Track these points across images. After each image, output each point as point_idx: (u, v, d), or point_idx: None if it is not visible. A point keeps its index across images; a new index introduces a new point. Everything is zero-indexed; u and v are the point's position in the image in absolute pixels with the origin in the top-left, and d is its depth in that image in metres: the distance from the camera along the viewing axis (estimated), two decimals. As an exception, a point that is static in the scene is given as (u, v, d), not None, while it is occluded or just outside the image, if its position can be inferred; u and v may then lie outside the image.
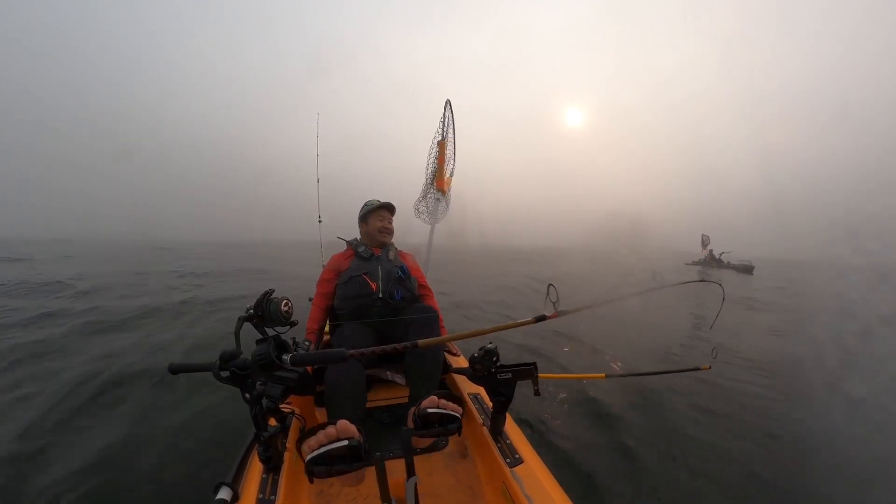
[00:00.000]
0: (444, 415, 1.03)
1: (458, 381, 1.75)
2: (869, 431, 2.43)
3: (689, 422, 2.63)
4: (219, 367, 0.92)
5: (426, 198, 3.47)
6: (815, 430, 2.49)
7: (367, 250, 2.05)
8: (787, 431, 2.52)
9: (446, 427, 1.02)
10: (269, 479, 1.03)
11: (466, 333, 1.36)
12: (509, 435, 1.28)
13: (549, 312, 1.37)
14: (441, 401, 1.05)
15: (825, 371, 3.50)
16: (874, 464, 2.11)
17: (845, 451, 2.23)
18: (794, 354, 4.22)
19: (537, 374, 1.25)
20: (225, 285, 8.74)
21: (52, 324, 4.57)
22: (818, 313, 5.58)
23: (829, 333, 4.33)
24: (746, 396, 3.12)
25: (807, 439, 2.40)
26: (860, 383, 3.03)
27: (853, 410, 2.70)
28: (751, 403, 2.97)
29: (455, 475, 1.27)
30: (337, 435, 0.86)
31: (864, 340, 3.71)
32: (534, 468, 1.11)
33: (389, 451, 1.36)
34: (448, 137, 3.32)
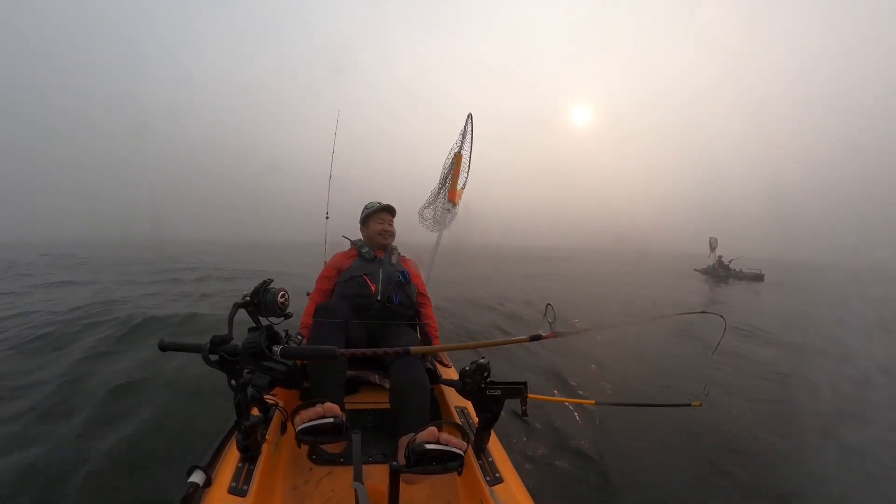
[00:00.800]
0: (444, 452, 0.86)
1: (445, 392, 1.73)
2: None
3: (674, 460, 2.58)
4: (208, 351, 0.92)
5: (433, 205, 3.48)
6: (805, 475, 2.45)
7: (371, 252, 2.06)
8: (777, 478, 2.48)
9: (445, 465, 0.86)
10: (244, 469, 1.02)
11: (459, 346, 1.35)
12: (492, 452, 1.26)
13: (545, 332, 1.36)
14: (443, 434, 0.88)
15: (820, 415, 3.45)
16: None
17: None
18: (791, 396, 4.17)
19: (527, 394, 1.23)
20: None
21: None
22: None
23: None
24: (736, 437, 3.06)
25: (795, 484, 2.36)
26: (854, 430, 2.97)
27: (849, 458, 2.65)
28: (740, 445, 2.92)
29: (433, 488, 1.25)
30: (323, 413, 0.93)
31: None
32: (513, 488, 1.10)
33: (369, 456, 1.34)
34: (465, 150, 3.35)
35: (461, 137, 3.33)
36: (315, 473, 1.23)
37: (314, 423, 0.91)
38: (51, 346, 3.59)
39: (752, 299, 12.36)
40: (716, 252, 19.80)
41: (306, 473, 1.23)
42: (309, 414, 0.94)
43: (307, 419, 0.93)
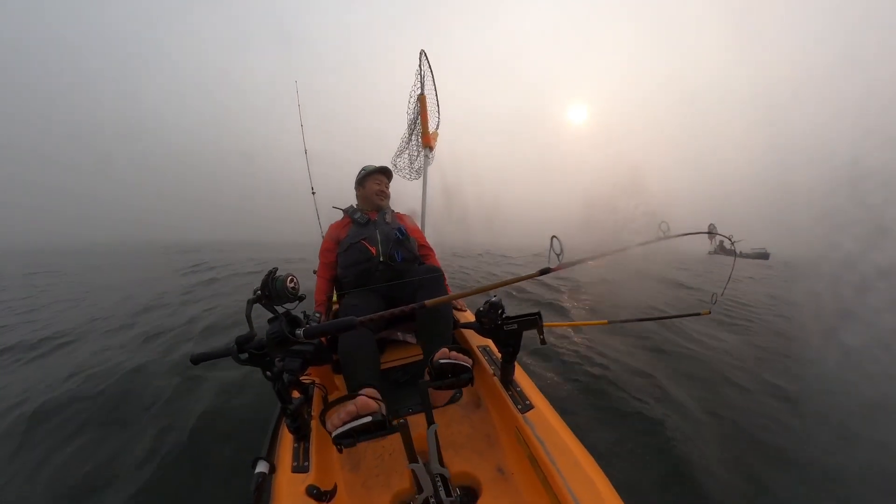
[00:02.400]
0: (455, 365, 1.11)
1: (466, 335, 1.80)
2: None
3: (686, 365, 2.70)
4: (237, 351, 0.95)
5: (406, 152, 3.38)
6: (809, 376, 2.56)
7: (363, 216, 2.04)
8: (782, 378, 2.60)
9: (459, 377, 1.10)
10: (300, 448, 1.10)
11: (472, 290, 1.38)
12: (519, 383, 1.34)
13: (553, 264, 1.38)
14: (451, 353, 1.13)
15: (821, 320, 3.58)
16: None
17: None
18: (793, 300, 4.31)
19: (542, 323, 1.28)
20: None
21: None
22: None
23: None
24: (742, 342, 3.20)
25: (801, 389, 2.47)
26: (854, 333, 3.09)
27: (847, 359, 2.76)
28: (746, 349, 3.06)
29: (471, 424, 1.34)
30: (357, 412, 0.93)
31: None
32: (544, 413, 1.18)
33: (408, 408, 1.43)
34: (428, 90, 3.18)
35: (418, 78, 3.15)
36: None
37: (349, 427, 0.91)
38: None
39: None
40: (716, 238, 19.79)
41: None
42: (342, 416, 0.93)
43: (340, 422, 0.92)
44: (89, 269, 12.10)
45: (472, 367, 1.13)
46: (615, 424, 2.04)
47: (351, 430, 0.91)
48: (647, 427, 2.01)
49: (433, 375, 1.13)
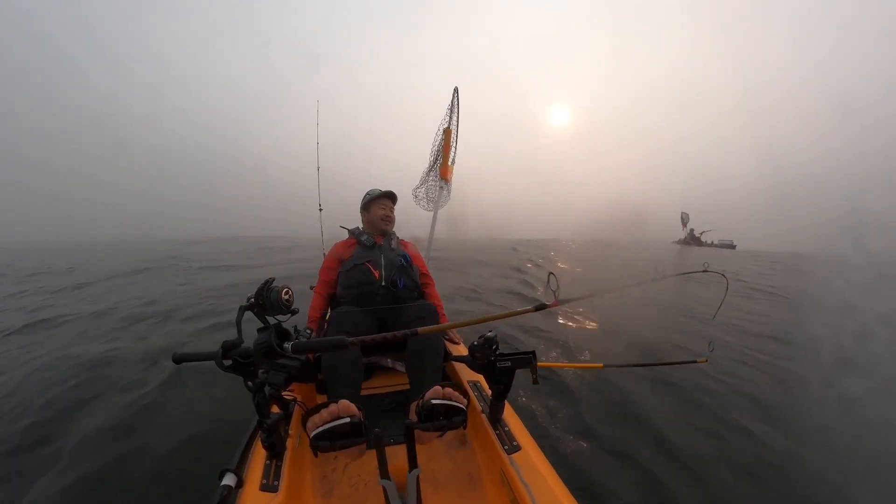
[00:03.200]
0: (449, 406, 1.00)
1: (457, 368, 1.77)
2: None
3: (683, 414, 2.64)
4: (221, 356, 0.93)
5: (426, 183, 3.45)
6: (807, 425, 2.51)
7: (370, 239, 2.06)
8: (781, 424, 2.54)
9: (451, 420, 1.00)
10: (272, 465, 1.05)
11: (466, 321, 1.36)
12: (508, 422, 1.30)
13: (549, 301, 1.37)
14: (446, 391, 1.02)
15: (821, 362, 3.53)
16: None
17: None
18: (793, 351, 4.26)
19: (536, 362, 1.25)
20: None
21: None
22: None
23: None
24: (741, 391, 3.13)
25: (799, 434, 2.42)
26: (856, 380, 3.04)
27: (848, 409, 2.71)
28: (744, 401, 2.99)
29: (454, 461, 1.29)
30: (339, 412, 0.92)
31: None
32: (531, 455, 1.13)
33: (391, 438, 1.38)
34: (453, 125, 3.30)
35: (449, 112, 3.28)
36: (340, 460, 1.27)
37: (329, 426, 0.89)
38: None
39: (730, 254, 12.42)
40: (687, 226, 20.18)
41: (332, 461, 1.27)
42: (322, 416, 0.92)
43: (321, 422, 0.91)
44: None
45: (466, 408, 1.03)
46: (608, 472, 1.95)
47: (329, 430, 0.89)
48: (640, 478, 1.93)
49: (421, 416, 1.00)
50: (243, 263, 11.96)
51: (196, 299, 5.83)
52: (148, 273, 9.64)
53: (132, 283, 8.12)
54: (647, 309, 5.79)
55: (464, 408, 1.02)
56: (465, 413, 1.02)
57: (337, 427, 0.90)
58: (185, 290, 6.70)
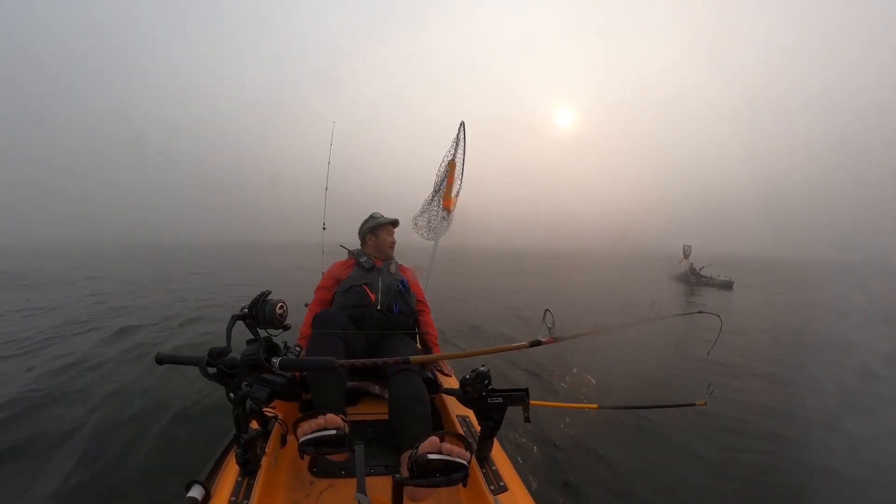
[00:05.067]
0: (448, 462, 0.83)
1: (447, 401, 1.72)
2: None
3: (682, 460, 2.55)
4: (206, 363, 0.91)
5: (427, 213, 3.49)
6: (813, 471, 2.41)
7: (369, 261, 2.05)
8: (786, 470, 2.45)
9: (450, 476, 0.83)
10: (244, 483, 1.00)
11: (459, 353, 1.34)
12: (495, 461, 1.25)
13: (544, 337, 1.35)
14: (444, 444, 0.85)
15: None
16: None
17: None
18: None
19: (529, 400, 1.22)
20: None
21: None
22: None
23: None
24: (742, 435, 3.03)
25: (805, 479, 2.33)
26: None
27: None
28: (747, 443, 2.89)
29: (437, 500, 1.23)
30: (325, 424, 0.91)
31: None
32: (518, 497, 1.09)
33: (371, 468, 1.32)
34: (458, 158, 3.37)
35: (454, 145, 3.35)
36: (316, 487, 1.21)
37: (317, 435, 0.89)
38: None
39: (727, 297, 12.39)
40: (688, 259, 19.99)
41: (307, 487, 1.21)
42: (311, 426, 0.93)
43: (309, 431, 0.92)
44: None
45: (469, 464, 0.86)
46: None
47: (317, 439, 0.89)
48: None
49: (414, 471, 0.83)
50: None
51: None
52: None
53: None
54: (645, 349, 5.70)
55: (465, 464, 0.85)
56: (466, 469, 0.85)
57: (324, 437, 0.90)
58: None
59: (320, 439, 0.89)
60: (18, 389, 2.63)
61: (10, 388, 2.60)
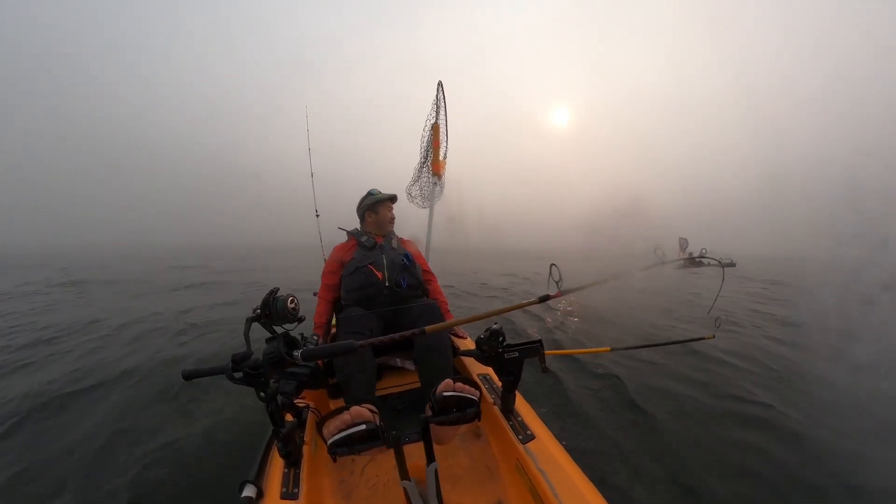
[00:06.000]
0: (461, 398, 1.00)
1: (466, 363, 1.77)
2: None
3: (693, 391, 2.65)
4: (232, 370, 0.93)
5: (419, 181, 3.45)
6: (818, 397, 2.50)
7: (370, 239, 2.05)
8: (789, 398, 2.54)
9: (465, 412, 0.99)
10: (290, 474, 1.06)
11: (472, 317, 1.37)
12: (520, 412, 1.31)
13: (552, 292, 1.38)
14: (457, 384, 1.03)
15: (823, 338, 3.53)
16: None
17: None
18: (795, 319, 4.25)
19: (543, 351, 1.26)
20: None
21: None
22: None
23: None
24: (749, 366, 3.14)
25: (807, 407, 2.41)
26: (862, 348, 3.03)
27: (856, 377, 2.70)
28: (754, 374, 3.00)
29: (470, 455, 1.30)
30: (352, 420, 0.92)
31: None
32: (546, 443, 1.14)
33: (406, 436, 1.39)
34: (441, 119, 3.29)
35: (435, 107, 3.26)
36: (358, 463, 1.28)
37: (345, 434, 0.90)
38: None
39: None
40: (686, 251, 20.24)
41: (350, 465, 1.28)
42: (337, 424, 0.93)
43: (336, 430, 0.92)
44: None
45: (479, 400, 1.03)
46: (623, 457, 1.97)
47: (346, 437, 0.89)
48: (653, 460, 1.94)
49: (435, 409, 1.01)
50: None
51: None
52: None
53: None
54: (651, 296, 5.80)
55: (476, 399, 1.02)
56: (477, 405, 1.02)
57: (353, 434, 0.90)
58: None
59: (351, 437, 0.90)
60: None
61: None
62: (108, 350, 3.69)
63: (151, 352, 3.59)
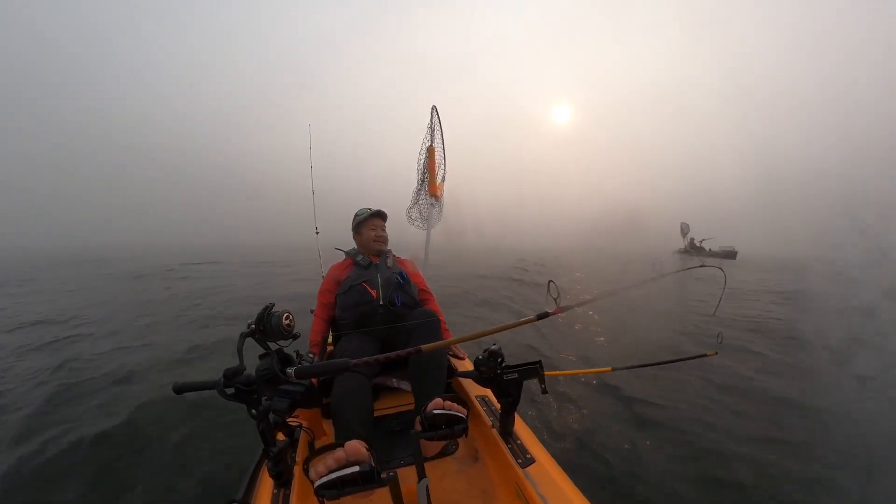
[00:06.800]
0: (449, 416, 1.04)
1: (464, 384, 1.74)
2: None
3: (698, 409, 2.60)
4: (223, 385, 0.92)
5: (418, 203, 3.48)
6: (821, 406, 2.46)
7: (365, 259, 2.06)
8: (797, 410, 2.50)
9: (453, 429, 1.03)
10: (279, 495, 1.02)
11: (469, 336, 1.35)
12: (519, 435, 1.27)
13: (551, 308, 1.36)
14: (446, 402, 1.07)
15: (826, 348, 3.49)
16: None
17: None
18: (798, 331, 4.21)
19: (543, 372, 1.24)
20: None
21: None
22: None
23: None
24: (753, 380, 3.09)
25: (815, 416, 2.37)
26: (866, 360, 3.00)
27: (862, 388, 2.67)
28: (759, 388, 2.95)
29: (467, 479, 1.26)
30: (346, 458, 0.86)
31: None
32: (546, 467, 1.11)
33: (401, 459, 1.35)
34: (437, 143, 3.34)
35: (429, 130, 3.32)
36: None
37: (336, 476, 0.84)
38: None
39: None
40: (687, 236, 20.48)
41: None
42: (328, 463, 0.86)
43: (326, 470, 0.85)
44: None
45: (467, 418, 1.07)
46: (625, 480, 1.91)
47: (337, 479, 0.83)
48: (658, 482, 1.88)
49: (425, 426, 1.05)
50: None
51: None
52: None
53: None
54: (650, 310, 5.77)
55: (463, 417, 1.06)
56: (464, 421, 1.06)
57: (346, 476, 0.84)
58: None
59: (343, 479, 0.83)
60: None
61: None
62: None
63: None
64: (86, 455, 2.14)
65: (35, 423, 2.52)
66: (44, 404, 2.75)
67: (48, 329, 5.18)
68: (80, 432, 2.35)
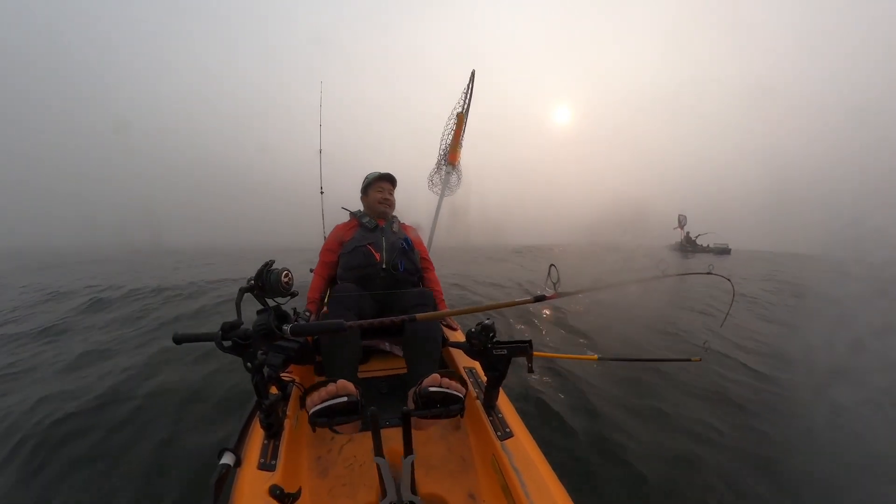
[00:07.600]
0: (446, 394, 1.01)
1: (454, 354, 1.78)
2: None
3: (672, 413, 2.65)
4: (221, 338, 0.94)
5: (440, 170, 3.45)
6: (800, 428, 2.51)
7: (372, 221, 2.05)
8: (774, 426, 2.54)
9: (448, 408, 1.00)
10: (269, 445, 1.07)
11: (465, 309, 1.37)
12: (501, 409, 1.31)
13: (548, 293, 1.38)
14: (444, 379, 1.03)
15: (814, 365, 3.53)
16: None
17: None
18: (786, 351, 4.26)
19: (532, 351, 1.27)
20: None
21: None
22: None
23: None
24: (731, 391, 3.14)
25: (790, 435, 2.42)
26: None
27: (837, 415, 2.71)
28: (735, 399, 3.00)
29: (448, 446, 1.31)
30: (336, 391, 0.94)
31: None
32: (523, 442, 1.15)
33: (386, 420, 1.40)
34: (465, 110, 3.29)
35: (464, 96, 3.25)
36: (336, 442, 1.30)
37: (327, 404, 0.93)
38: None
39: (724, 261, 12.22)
40: (684, 228, 19.93)
41: (328, 443, 1.29)
42: (321, 395, 0.95)
43: (319, 400, 0.94)
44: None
45: (464, 398, 1.04)
46: (596, 463, 1.98)
47: (327, 408, 0.92)
48: (624, 473, 1.96)
49: (419, 403, 1.01)
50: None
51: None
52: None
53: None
54: (646, 307, 5.81)
55: (461, 396, 1.03)
56: (462, 402, 1.02)
57: (335, 405, 0.92)
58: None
59: (332, 408, 0.92)
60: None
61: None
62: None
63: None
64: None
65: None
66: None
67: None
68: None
